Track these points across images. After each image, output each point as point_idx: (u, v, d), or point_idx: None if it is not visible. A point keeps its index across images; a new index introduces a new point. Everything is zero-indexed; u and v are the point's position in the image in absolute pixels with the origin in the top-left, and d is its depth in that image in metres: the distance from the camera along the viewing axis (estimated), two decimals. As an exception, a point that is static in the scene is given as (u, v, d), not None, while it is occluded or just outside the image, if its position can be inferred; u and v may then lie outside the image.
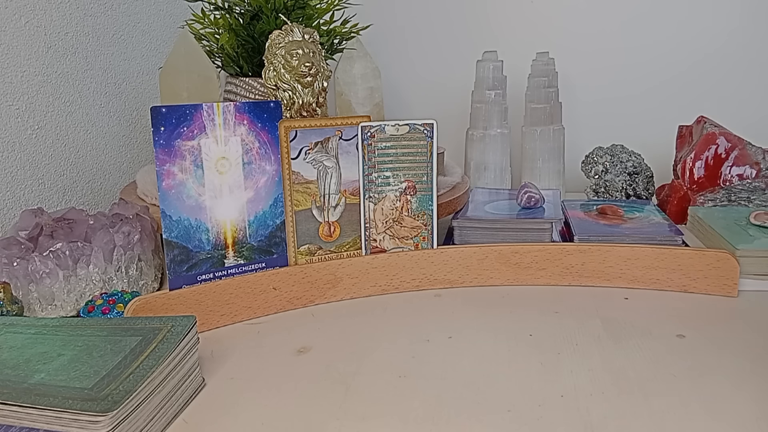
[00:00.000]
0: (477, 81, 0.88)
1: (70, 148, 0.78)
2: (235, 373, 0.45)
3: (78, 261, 0.54)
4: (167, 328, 0.41)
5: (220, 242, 0.55)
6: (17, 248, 0.54)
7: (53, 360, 0.38)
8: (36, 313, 0.53)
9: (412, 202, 0.61)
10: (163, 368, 0.38)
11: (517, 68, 0.92)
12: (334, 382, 0.43)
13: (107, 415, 0.32)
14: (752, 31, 0.95)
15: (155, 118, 0.51)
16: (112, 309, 0.50)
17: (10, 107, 0.69)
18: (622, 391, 0.41)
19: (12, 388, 0.35)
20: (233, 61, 0.75)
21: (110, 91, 0.85)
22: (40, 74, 0.73)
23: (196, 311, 0.51)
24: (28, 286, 0.53)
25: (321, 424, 0.38)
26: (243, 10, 0.74)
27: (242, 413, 0.40)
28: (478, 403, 0.40)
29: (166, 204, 0.52)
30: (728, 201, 0.75)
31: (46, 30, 0.74)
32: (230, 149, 0.54)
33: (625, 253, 0.59)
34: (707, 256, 0.57)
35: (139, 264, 0.58)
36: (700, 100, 0.96)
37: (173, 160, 0.52)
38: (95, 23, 0.82)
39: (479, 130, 0.87)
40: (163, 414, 0.38)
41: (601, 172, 0.82)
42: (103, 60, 0.83)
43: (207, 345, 0.48)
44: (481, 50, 0.89)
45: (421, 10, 1.04)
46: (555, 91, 0.86)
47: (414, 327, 0.52)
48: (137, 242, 0.58)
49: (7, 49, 0.69)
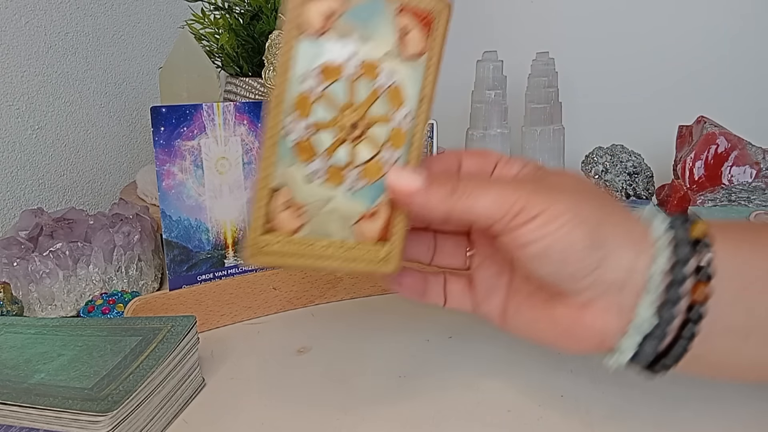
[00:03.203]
0: (477, 81, 0.88)
1: (70, 148, 0.78)
2: (235, 373, 0.45)
3: (78, 261, 0.54)
4: (167, 328, 0.41)
5: (220, 242, 0.55)
6: (17, 248, 0.54)
7: (53, 360, 0.38)
8: (36, 313, 0.53)
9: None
10: (163, 368, 0.38)
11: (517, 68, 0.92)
12: (334, 382, 0.43)
13: (107, 415, 0.32)
14: (753, 31, 0.95)
15: (155, 118, 0.51)
16: (112, 309, 0.50)
17: (10, 107, 0.69)
18: (623, 391, 0.41)
19: (12, 388, 0.35)
20: (233, 61, 0.75)
21: (110, 91, 0.85)
22: (40, 74, 0.73)
23: (196, 311, 0.51)
24: (28, 286, 0.53)
25: (321, 424, 0.38)
26: (243, 10, 0.73)
27: (242, 413, 0.40)
28: (478, 403, 0.40)
29: (166, 204, 0.52)
30: (728, 201, 0.75)
31: (46, 30, 0.74)
32: (230, 149, 0.54)
33: (625, 253, 0.59)
34: (707, 256, 0.57)
35: (139, 264, 0.58)
36: (700, 100, 0.96)
37: (173, 160, 0.52)
38: (95, 23, 0.82)
39: (479, 130, 0.87)
40: (163, 414, 0.38)
41: (601, 172, 0.82)
42: (103, 60, 0.83)
43: (207, 345, 0.48)
44: (481, 50, 0.89)
45: (421, 10, 1.04)
46: (555, 91, 0.86)
47: (414, 327, 0.52)
48: (137, 242, 0.58)
49: (7, 49, 0.69)
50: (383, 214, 0.32)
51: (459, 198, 0.30)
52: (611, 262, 0.29)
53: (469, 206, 0.30)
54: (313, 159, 0.31)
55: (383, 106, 0.31)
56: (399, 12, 0.30)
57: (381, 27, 0.30)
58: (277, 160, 0.30)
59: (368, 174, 0.31)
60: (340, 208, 0.31)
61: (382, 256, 0.32)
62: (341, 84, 0.30)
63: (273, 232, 0.31)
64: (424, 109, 0.31)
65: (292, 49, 0.29)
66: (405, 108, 0.31)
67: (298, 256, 0.31)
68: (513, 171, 0.34)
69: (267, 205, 0.30)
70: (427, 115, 0.32)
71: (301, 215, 0.31)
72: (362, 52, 0.30)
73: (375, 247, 0.32)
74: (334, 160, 0.31)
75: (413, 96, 0.31)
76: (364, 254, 0.32)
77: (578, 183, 0.32)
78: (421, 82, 0.31)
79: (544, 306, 0.33)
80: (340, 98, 0.30)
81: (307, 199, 0.31)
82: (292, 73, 0.29)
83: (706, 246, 0.29)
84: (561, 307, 0.32)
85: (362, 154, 0.31)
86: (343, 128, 0.31)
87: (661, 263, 0.29)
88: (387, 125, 0.31)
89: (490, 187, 0.30)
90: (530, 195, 0.29)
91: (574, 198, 0.30)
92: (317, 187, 0.31)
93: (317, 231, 0.31)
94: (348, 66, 0.30)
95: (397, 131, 0.31)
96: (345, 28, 0.30)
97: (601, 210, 0.30)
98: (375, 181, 0.31)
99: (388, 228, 0.32)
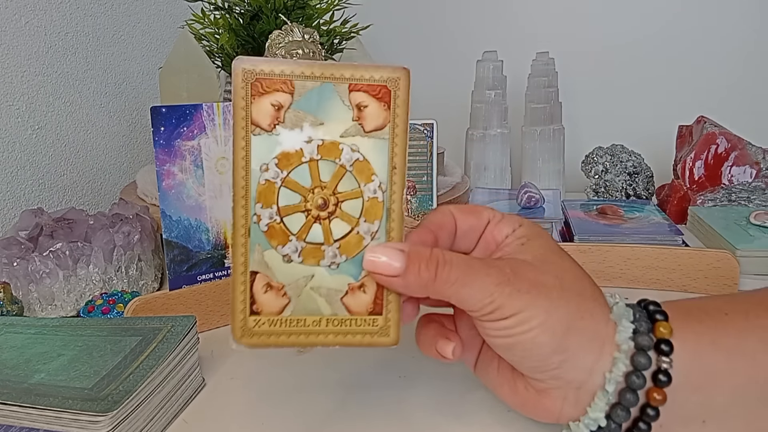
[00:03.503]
0: (477, 81, 0.88)
1: (70, 148, 0.78)
2: (235, 373, 0.45)
3: (78, 261, 0.54)
4: (167, 328, 0.41)
5: (220, 242, 0.55)
6: (17, 248, 0.54)
7: (53, 360, 0.38)
8: (36, 313, 0.53)
9: (412, 202, 0.61)
10: (163, 368, 0.38)
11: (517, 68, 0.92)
12: (334, 382, 0.43)
13: (107, 415, 0.32)
14: (753, 31, 0.95)
15: (155, 118, 0.51)
16: (112, 309, 0.50)
17: (10, 107, 0.69)
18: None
19: (12, 388, 0.35)
20: (233, 61, 0.74)
21: (110, 91, 0.85)
22: (40, 74, 0.73)
23: (196, 311, 0.51)
24: (28, 286, 0.53)
25: (321, 424, 0.38)
26: (243, 10, 0.74)
27: (242, 413, 0.40)
28: (478, 403, 0.40)
29: (166, 204, 0.52)
30: (728, 201, 0.75)
31: (46, 30, 0.74)
32: (230, 149, 0.54)
33: (625, 253, 0.59)
34: (707, 256, 0.57)
35: (139, 264, 0.58)
36: (700, 100, 0.96)
37: (173, 160, 0.52)
38: (95, 23, 0.82)
39: (479, 130, 0.87)
40: (163, 414, 0.38)
41: (601, 172, 0.82)
42: (103, 60, 0.83)
43: (207, 345, 0.48)
44: (481, 50, 0.89)
45: (421, 10, 1.04)
46: (555, 91, 0.86)
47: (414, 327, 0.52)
48: (137, 242, 0.58)
49: (7, 49, 0.69)
50: (371, 286, 0.32)
51: (440, 285, 0.30)
52: (572, 363, 0.30)
53: (449, 295, 0.31)
54: (287, 242, 0.31)
55: (351, 182, 0.31)
56: (351, 91, 0.31)
57: (333, 109, 0.30)
58: (251, 245, 0.30)
59: (347, 249, 0.31)
60: (324, 285, 0.31)
61: (380, 325, 0.32)
62: (303, 168, 0.31)
63: (258, 314, 0.31)
64: (397, 178, 0.31)
65: (248, 145, 0.30)
66: (375, 180, 0.31)
67: (288, 333, 0.31)
68: (503, 233, 0.34)
69: (248, 289, 0.31)
70: (402, 184, 0.31)
71: (284, 295, 0.31)
72: (319, 135, 0.31)
73: (369, 317, 0.32)
74: (310, 239, 0.31)
75: (382, 167, 0.31)
76: (359, 327, 0.32)
77: (560, 273, 0.32)
78: (388, 152, 0.31)
79: (510, 375, 0.34)
80: (304, 181, 0.31)
81: (288, 279, 0.31)
82: (252, 166, 0.30)
83: (666, 351, 0.30)
84: (522, 383, 0.33)
85: (337, 231, 0.31)
86: (313, 208, 0.31)
87: (619, 370, 0.30)
88: (359, 199, 0.31)
89: (473, 280, 0.30)
90: (508, 297, 0.30)
91: (548, 301, 0.30)
92: (296, 266, 0.31)
93: (304, 308, 0.31)
94: (306, 150, 0.31)
95: (372, 203, 0.31)
96: (296, 118, 0.30)
97: (573, 314, 0.31)
98: (356, 255, 0.31)
99: (379, 299, 0.32)
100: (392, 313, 0.32)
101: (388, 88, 0.31)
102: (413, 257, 0.30)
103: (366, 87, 0.31)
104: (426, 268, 0.30)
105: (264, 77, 0.30)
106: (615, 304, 0.33)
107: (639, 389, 0.30)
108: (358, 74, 0.31)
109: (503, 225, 0.34)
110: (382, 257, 0.30)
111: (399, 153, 0.31)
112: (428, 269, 0.30)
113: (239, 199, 0.30)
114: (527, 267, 0.32)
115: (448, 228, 0.34)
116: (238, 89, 0.30)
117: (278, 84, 0.30)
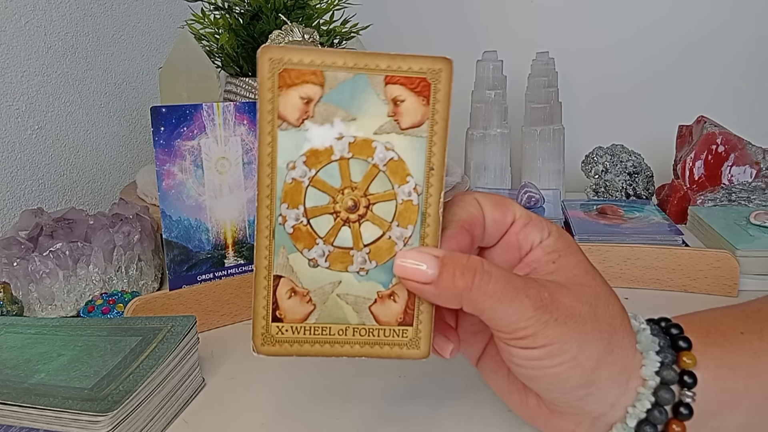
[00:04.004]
0: (477, 81, 0.88)
1: (70, 148, 0.78)
2: (235, 373, 0.45)
3: (78, 261, 0.54)
4: (167, 328, 0.41)
5: (220, 242, 0.55)
6: (17, 248, 0.54)
7: (53, 360, 0.38)
8: (36, 313, 0.53)
9: (412, 202, 0.61)
10: (163, 368, 0.38)
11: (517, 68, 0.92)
12: (334, 382, 0.43)
13: (107, 415, 0.32)
14: (753, 31, 0.95)
15: (155, 118, 0.51)
16: (112, 309, 0.50)
17: (10, 107, 0.69)
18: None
19: (12, 388, 0.35)
20: (233, 61, 0.75)
21: (110, 91, 0.85)
22: (40, 74, 0.73)
23: (196, 311, 0.51)
24: (28, 286, 0.53)
25: (321, 424, 0.38)
26: (243, 10, 0.74)
27: (242, 413, 0.40)
28: (478, 403, 0.40)
29: (166, 204, 0.52)
30: (728, 201, 0.75)
31: (46, 30, 0.74)
32: (230, 149, 0.54)
33: (625, 253, 0.59)
34: (707, 256, 0.57)
35: (139, 264, 0.58)
36: (700, 100, 0.96)
37: (173, 160, 0.52)
38: (95, 23, 0.82)
39: (479, 130, 0.87)
40: (163, 414, 0.38)
41: (601, 172, 0.82)
42: (103, 60, 0.83)
43: (207, 345, 0.48)
44: (481, 50, 0.89)
45: (421, 10, 1.04)
46: (555, 91, 0.86)
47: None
48: (137, 242, 0.58)
49: (7, 49, 0.69)
50: (402, 294, 0.29)
51: (476, 296, 0.28)
52: (596, 397, 0.29)
53: (483, 308, 0.28)
54: (313, 245, 0.29)
55: (384, 183, 0.29)
56: (387, 83, 0.28)
57: (367, 104, 0.28)
58: (275, 248, 0.29)
59: (378, 255, 0.29)
60: (352, 292, 0.29)
61: (410, 337, 0.30)
62: (333, 167, 0.28)
63: (282, 321, 0.29)
64: (434, 180, 0.29)
65: (274, 140, 0.28)
66: (411, 182, 0.29)
67: (312, 342, 0.29)
68: (529, 240, 0.31)
69: (271, 294, 0.29)
70: (439, 187, 0.29)
71: (308, 301, 0.29)
72: (350, 131, 0.28)
73: (399, 328, 0.30)
74: (338, 243, 0.29)
75: (418, 168, 0.29)
76: (387, 338, 0.30)
77: (594, 300, 0.30)
78: (426, 152, 0.29)
79: (522, 387, 0.32)
80: (333, 181, 0.29)
81: (313, 285, 0.29)
82: (279, 164, 0.28)
83: (690, 384, 0.29)
84: (534, 400, 0.32)
85: (368, 235, 0.29)
86: (342, 210, 0.29)
87: (643, 406, 0.29)
88: (392, 201, 0.29)
89: (512, 299, 0.28)
90: (543, 325, 0.28)
91: (582, 335, 0.29)
92: (322, 271, 0.29)
93: (329, 316, 0.29)
94: (337, 148, 0.28)
95: (406, 206, 0.29)
96: (326, 113, 0.28)
97: (605, 348, 0.29)
98: (386, 261, 0.29)
99: (410, 309, 0.30)
100: (423, 324, 0.30)
101: (427, 80, 0.28)
102: (448, 263, 0.28)
103: (403, 79, 0.28)
104: (462, 275, 0.28)
105: (292, 67, 0.27)
106: (640, 330, 0.31)
107: (659, 424, 0.29)
108: (395, 65, 0.28)
109: (531, 230, 0.31)
110: (412, 260, 0.28)
111: (437, 153, 0.29)
112: (464, 277, 0.28)
113: (263, 199, 0.28)
114: (563, 293, 0.29)
115: (479, 224, 0.31)
116: (264, 80, 0.27)
117: (308, 75, 0.27)
